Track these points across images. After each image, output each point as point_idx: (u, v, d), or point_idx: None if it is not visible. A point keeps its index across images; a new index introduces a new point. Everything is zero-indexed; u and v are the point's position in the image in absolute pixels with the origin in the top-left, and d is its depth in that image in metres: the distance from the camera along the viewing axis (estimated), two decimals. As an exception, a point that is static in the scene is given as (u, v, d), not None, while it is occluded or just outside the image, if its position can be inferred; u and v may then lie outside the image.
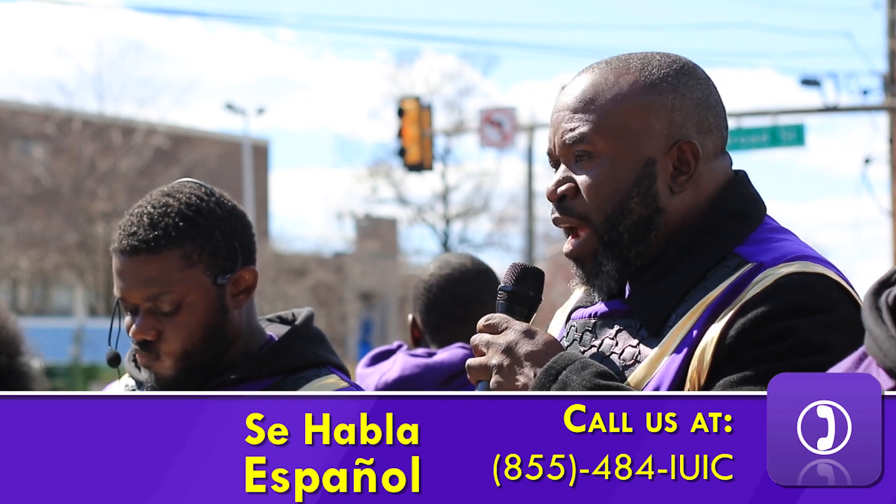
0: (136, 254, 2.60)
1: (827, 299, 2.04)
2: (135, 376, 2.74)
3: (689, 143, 2.16)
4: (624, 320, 2.17)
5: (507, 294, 2.17)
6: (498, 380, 2.10)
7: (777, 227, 2.19)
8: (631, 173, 2.15)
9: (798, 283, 2.03)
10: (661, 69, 2.18)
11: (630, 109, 2.16)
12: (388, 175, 39.28)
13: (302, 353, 2.70)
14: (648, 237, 2.15)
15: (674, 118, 2.16)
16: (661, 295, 2.12)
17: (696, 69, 2.21)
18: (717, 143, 2.20)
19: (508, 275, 2.18)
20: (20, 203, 32.35)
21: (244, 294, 2.67)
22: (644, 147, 2.15)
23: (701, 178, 2.17)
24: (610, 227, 2.15)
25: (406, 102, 22.43)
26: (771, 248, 2.11)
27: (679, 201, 2.16)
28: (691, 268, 2.12)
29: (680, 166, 2.16)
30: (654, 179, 2.15)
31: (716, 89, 2.22)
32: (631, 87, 2.17)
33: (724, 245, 2.13)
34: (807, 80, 21.44)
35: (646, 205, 2.15)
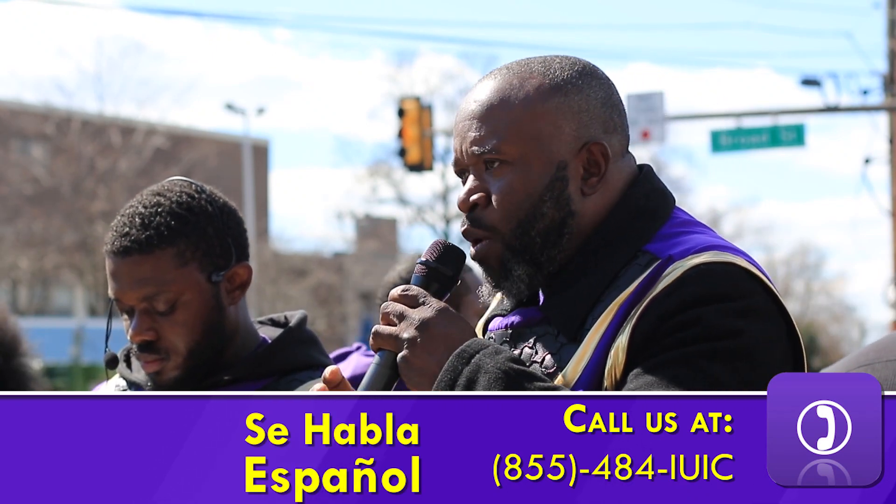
0: (128, 254, 2.58)
1: (736, 287, 2.02)
2: (126, 377, 2.73)
3: (598, 144, 2.15)
4: (541, 328, 2.15)
5: (427, 269, 2.14)
6: (406, 355, 2.04)
7: (687, 220, 2.18)
8: (543, 178, 2.13)
9: (706, 273, 2.02)
10: (563, 71, 2.17)
11: (538, 113, 2.14)
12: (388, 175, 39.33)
13: (295, 355, 2.69)
14: (561, 241, 2.14)
15: (581, 119, 2.15)
16: (575, 299, 2.11)
17: (597, 70, 2.20)
18: (623, 141, 2.19)
19: (431, 251, 2.15)
20: (20, 203, 32.35)
21: (239, 290, 2.67)
22: (555, 150, 2.14)
23: (610, 178, 2.16)
24: (522, 232, 2.14)
25: (406, 102, 22.41)
26: (680, 242, 2.10)
27: (591, 203, 2.15)
28: (602, 269, 2.11)
29: (590, 168, 2.15)
30: (566, 182, 2.14)
31: (616, 89, 2.21)
32: (537, 90, 2.15)
33: (634, 244, 2.12)
34: (807, 80, 21.45)
35: (558, 209, 2.14)
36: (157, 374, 2.61)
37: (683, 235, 2.12)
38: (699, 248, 2.07)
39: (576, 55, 2.23)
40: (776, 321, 2.04)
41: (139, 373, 2.70)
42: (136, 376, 2.70)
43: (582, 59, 2.22)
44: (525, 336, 2.17)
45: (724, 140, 20.32)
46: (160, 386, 2.61)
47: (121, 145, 32.62)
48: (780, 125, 20.28)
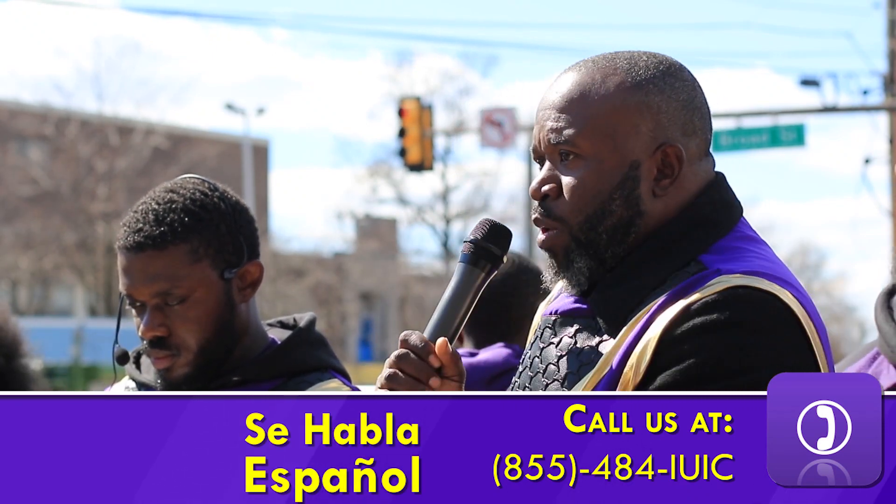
0: (142, 250, 2.59)
1: (766, 320, 2.01)
2: (135, 378, 2.73)
3: (674, 147, 2.14)
4: (584, 320, 2.16)
5: (474, 247, 2.15)
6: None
7: (748, 236, 2.17)
8: (615, 175, 2.14)
9: (743, 298, 2.01)
10: (647, 70, 2.17)
11: (616, 111, 2.14)
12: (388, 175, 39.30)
13: (304, 356, 2.70)
14: (627, 239, 2.14)
15: (659, 120, 2.15)
16: (620, 297, 2.11)
17: (683, 70, 2.20)
18: (701, 145, 2.19)
19: (478, 229, 2.16)
20: (19, 203, 32.35)
21: (250, 288, 2.68)
22: (629, 149, 2.14)
23: (684, 181, 2.16)
24: (589, 227, 2.14)
25: (406, 102, 22.43)
26: (734, 258, 2.09)
27: (661, 204, 2.15)
28: (653, 272, 2.11)
29: (664, 169, 2.15)
30: (638, 182, 2.14)
31: (701, 91, 2.21)
32: (617, 87, 2.15)
33: (690, 251, 2.11)
34: (806, 81, 21.45)
35: (627, 207, 2.14)
36: (166, 371, 2.62)
37: (740, 252, 2.11)
38: (747, 270, 2.06)
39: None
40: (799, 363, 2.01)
41: (148, 373, 2.71)
42: (145, 377, 2.70)
43: (670, 58, 2.21)
44: (568, 325, 2.18)
45: (724, 140, 20.32)
46: (169, 383, 2.62)
47: (120, 145, 32.62)
48: (780, 125, 20.29)
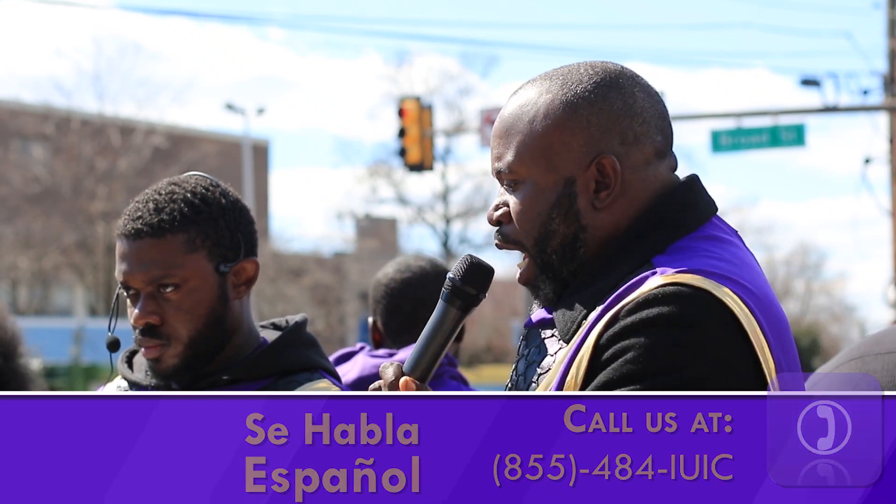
0: (140, 237, 2.63)
1: (695, 317, 1.98)
2: (127, 377, 2.75)
3: (609, 158, 2.13)
4: (549, 330, 2.17)
5: (452, 287, 2.16)
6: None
7: (711, 236, 2.14)
8: (551, 195, 2.14)
9: (671, 296, 1.99)
10: (580, 84, 2.15)
11: (546, 130, 2.15)
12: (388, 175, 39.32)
13: (294, 356, 2.71)
14: (577, 255, 2.15)
15: (591, 133, 2.14)
16: (575, 304, 2.11)
17: (619, 78, 2.17)
18: (647, 151, 2.16)
19: (459, 267, 2.17)
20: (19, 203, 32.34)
21: (245, 285, 2.70)
22: (562, 166, 2.14)
23: (630, 189, 2.14)
24: (539, 250, 2.16)
25: (406, 102, 22.41)
26: (684, 258, 2.07)
27: (607, 215, 2.14)
28: (607, 277, 2.10)
29: (602, 181, 2.14)
30: (575, 198, 2.14)
31: (645, 96, 2.17)
32: (548, 106, 2.15)
33: (645, 254, 2.10)
34: (806, 80, 21.45)
35: (568, 224, 2.14)
36: (156, 361, 2.63)
37: (694, 251, 2.09)
38: (688, 269, 2.03)
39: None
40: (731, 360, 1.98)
41: (140, 373, 2.72)
42: (137, 376, 2.72)
43: (611, 66, 2.19)
44: (537, 336, 2.19)
45: (724, 140, 20.33)
46: (158, 373, 2.64)
47: (120, 145, 32.62)
48: (780, 125, 20.29)
